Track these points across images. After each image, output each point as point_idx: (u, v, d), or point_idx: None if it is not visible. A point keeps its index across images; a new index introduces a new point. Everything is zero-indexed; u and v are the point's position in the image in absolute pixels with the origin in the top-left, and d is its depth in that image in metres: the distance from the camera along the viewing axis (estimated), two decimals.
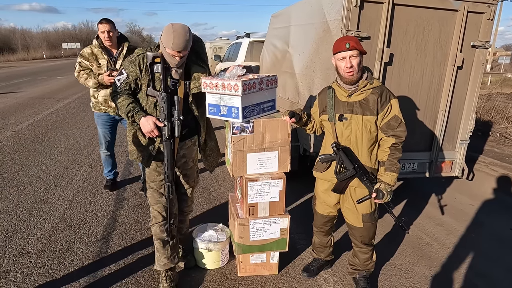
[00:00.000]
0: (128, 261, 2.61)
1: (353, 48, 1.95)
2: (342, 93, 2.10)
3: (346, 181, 2.13)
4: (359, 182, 2.10)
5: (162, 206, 2.20)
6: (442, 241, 3.06)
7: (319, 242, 2.49)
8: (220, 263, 2.56)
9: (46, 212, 3.31)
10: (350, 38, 2.02)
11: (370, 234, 2.26)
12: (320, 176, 2.29)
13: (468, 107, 3.43)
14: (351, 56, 1.97)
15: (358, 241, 2.28)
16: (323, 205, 2.35)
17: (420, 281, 2.51)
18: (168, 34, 1.87)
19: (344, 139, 2.11)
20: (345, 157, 2.06)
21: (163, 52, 1.96)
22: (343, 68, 2.00)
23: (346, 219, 2.29)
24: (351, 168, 2.05)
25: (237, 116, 2.10)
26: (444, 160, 3.58)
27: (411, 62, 3.19)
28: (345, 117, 2.07)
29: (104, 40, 3.22)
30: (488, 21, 3.20)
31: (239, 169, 2.25)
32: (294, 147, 3.92)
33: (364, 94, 2.05)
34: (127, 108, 1.98)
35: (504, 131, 6.77)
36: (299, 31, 4.01)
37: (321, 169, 2.24)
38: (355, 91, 2.06)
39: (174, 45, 1.87)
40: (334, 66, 2.09)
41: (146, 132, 1.99)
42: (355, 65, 1.97)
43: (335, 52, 2.03)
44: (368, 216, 2.19)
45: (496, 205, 3.83)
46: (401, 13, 3.04)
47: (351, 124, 2.07)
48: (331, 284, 2.43)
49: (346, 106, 2.08)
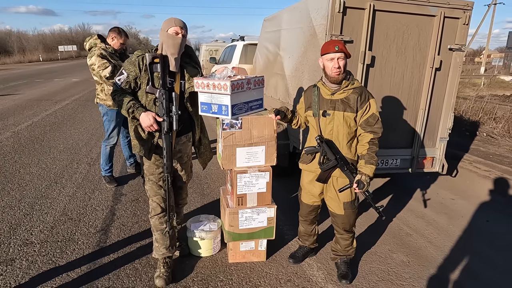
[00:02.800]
0: (126, 250, 2.78)
1: (341, 50, 2.18)
2: (326, 91, 2.31)
3: (328, 171, 2.34)
4: (340, 172, 2.31)
5: (160, 198, 2.38)
6: (421, 231, 3.26)
7: (304, 231, 2.68)
8: (212, 251, 2.75)
9: (48, 206, 3.48)
10: (338, 42, 2.25)
11: (350, 221, 2.46)
12: (305, 168, 2.50)
13: (447, 106, 3.65)
14: (339, 57, 2.19)
15: (340, 228, 2.48)
16: (308, 195, 2.54)
17: (397, 266, 2.71)
18: (168, 20, 2.23)
19: (327, 133, 2.33)
20: (328, 149, 2.27)
21: (165, 40, 2.17)
22: (331, 68, 2.21)
23: (329, 207, 2.49)
24: (333, 159, 2.27)
25: (227, 113, 2.29)
26: (425, 157, 3.79)
27: (392, 64, 3.41)
28: (328, 113, 2.29)
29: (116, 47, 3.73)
30: (464, 26, 3.42)
31: (229, 163, 2.44)
32: (284, 145, 4.13)
33: (345, 93, 2.26)
34: (128, 105, 2.16)
35: (491, 131, 7.00)
36: (289, 34, 4.21)
37: (306, 161, 2.45)
38: (338, 90, 2.27)
39: (177, 21, 2.18)
40: (322, 66, 2.29)
41: (145, 127, 2.15)
42: (342, 66, 2.20)
43: (323, 53, 2.24)
44: (349, 204, 2.40)
45: (476, 200, 4.04)
46: (382, 19, 3.25)
47: (333, 120, 2.29)
48: (315, 269, 2.62)
49: (329, 103, 2.29)
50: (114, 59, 3.66)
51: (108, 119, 3.85)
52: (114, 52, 3.72)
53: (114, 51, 3.72)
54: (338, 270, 2.57)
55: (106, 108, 3.79)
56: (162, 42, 2.22)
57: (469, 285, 2.52)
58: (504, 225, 3.45)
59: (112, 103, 3.74)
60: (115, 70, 3.56)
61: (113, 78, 3.54)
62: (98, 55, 3.54)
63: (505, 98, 12.33)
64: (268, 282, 2.47)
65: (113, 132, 3.90)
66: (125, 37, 3.81)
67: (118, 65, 3.64)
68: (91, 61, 3.58)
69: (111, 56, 3.65)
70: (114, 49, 3.72)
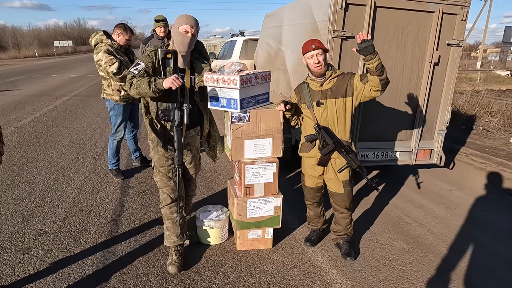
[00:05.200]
0: (137, 239, 2.89)
1: (318, 47, 2.40)
2: (315, 85, 2.54)
3: (328, 155, 2.55)
4: (338, 154, 2.54)
5: (170, 189, 2.49)
6: (420, 220, 3.39)
7: (314, 214, 2.87)
8: (220, 239, 2.86)
9: (58, 198, 3.58)
10: (314, 40, 2.48)
11: (350, 198, 2.68)
12: (306, 155, 2.69)
13: (445, 100, 3.77)
14: (317, 54, 2.41)
15: (341, 206, 2.68)
16: (310, 178, 2.72)
17: (398, 253, 2.84)
18: (180, 17, 2.26)
19: (322, 120, 2.53)
20: (325, 134, 2.50)
21: (175, 37, 2.25)
22: (312, 64, 2.44)
23: (330, 188, 2.69)
24: (331, 143, 2.49)
25: (236, 107, 2.39)
26: (424, 149, 3.92)
27: (392, 59, 3.51)
28: (321, 102, 2.51)
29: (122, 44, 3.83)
30: (462, 22, 3.53)
31: (237, 154, 2.55)
32: (287, 138, 4.23)
33: (332, 83, 2.50)
34: (147, 81, 2.10)
35: (487, 125, 7.14)
36: (290, 30, 4.30)
37: (307, 149, 2.65)
38: (325, 81, 2.50)
39: (188, 20, 2.22)
40: (305, 64, 2.52)
41: (171, 83, 2.04)
42: (321, 60, 2.43)
43: (304, 53, 2.48)
44: (347, 183, 2.63)
45: (472, 191, 4.18)
46: (383, 15, 3.36)
47: (327, 108, 2.51)
48: (319, 256, 2.75)
49: (320, 94, 2.52)
50: (120, 55, 3.75)
51: (115, 114, 3.94)
52: (120, 48, 3.80)
53: (119, 47, 3.80)
54: (341, 250, 2.75)
55: (113, 103, 3.88)
56: (173, 38, 2.31)
57: (467, 269, 2.65)
58: (499, 214, 3.59)
59: (118, 98, 3.82)
60: (121, 66, 3.65)
61: (119, 74, 3.63)
62: (104, 51, 3.62)
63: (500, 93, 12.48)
64: (275, 268, 2.59)
65: (120, 126, 3.99)
66: (131, 33, 3.89)
67: (124, 61, 3.73)
68: (97, 57, 3.66)
69: (117, 52, 3.73)
70: (119, 45, 3.79)
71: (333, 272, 2.56)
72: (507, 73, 20.89)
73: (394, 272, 2.60)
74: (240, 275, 2.50)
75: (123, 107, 3.92)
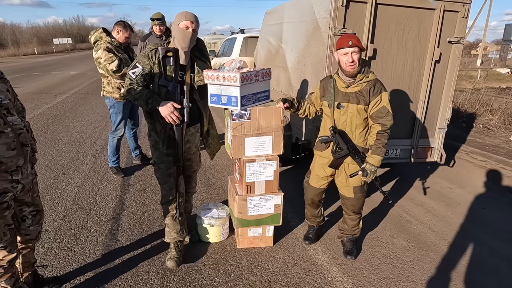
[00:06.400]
0: (138, 237, 2.89)
1: (355, 45, 2.27)
2: (341, 84, 2.43)
3: (341, 159, 2.50)
4: (352, 160, 2.47)
5: (170, 185, 2.47)
6: (421, 218, 3.39)
7: (311, 214, 2.86)
8: (221, 237, 2.86)
9: (58, 196, 3.57)
10: (352, 36, 2.34)
11: (359, 204, 2.63)
12: (319, 154, 2.64)
13: (446, 97, 3.76)
14: (352, 52, 2.28)
15: (349, 210, 2.65)
16: (316, 178, 2.67)
17: (398, 251, 2.84)
18: (180, 14, 2.26)
19: (340, 124, 2.46)
20: (340, 139, 2.42)
21: (176, 34, 2.24)
22: (345, 62, 2.31)
23: (340, 191, 2.64)
24: (345, 148, 2.42)
25: (236, 104, 2.38)
26: (424, 147, 3.91)
27: (393, 56, 3.50)
28: (342, 105, 2.42)
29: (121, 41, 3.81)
30: (463, 19, 3.51)
31: (238, 152, 2.54)
32: (287, 136, 4.23)
33: (359, 87, 2.38)
34: (146, 96, 2.20)
35: (487, 122, 7.14)
36: (291, 27, 4.29)
37: (321, 148, 2.60)
38: (352, 84, 2.39)
39: (187, 16, 2.22)
40: (337, 60, 2.41)
41: (166, 115, 2.18)
42: (356, 60, 2.29)
43: (338, 48, 2.34)
44: (358, 188, 2.56)
45: (473, 188, 4.18)
46: (384, 12, 3.34)
47: (347, 112, 2.42)
48: (320, 254, 2.75)
49: (344, 96, 2.42)
50: (120, 52, 3.73)
51: (115, 112, 3.93)
52: (119, 45, 3.79)
53: (119, 44, 3.78)
54: (344, 247, 2.75)
55: (113, 101, 3.87)
56: (173, 36, 2.30)
57: (467, 267, 2.65)
58: (499, 212, 3.59)
59: (118, 96, 3.81)
60: (121, 63, 3.63)
61: (119, 72, 3.62)
62: (104, 49, 3.61)
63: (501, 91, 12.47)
64: (276, 265, 2.59)
65: (120, 124, 3.98)
66: (130, 30, 3.87)
67: (124, 58, 3.71)
68: (97, 54, 3.64)
69: (117, 50, 3.71)
70: (119, 42, 3.78)
71: (333, 270, 2.56)
72: (507, 70, 20.84)
73: (394, 270, 2.60)
74: (240, 273, 2.50)
75: (123, 104, 3.91)
